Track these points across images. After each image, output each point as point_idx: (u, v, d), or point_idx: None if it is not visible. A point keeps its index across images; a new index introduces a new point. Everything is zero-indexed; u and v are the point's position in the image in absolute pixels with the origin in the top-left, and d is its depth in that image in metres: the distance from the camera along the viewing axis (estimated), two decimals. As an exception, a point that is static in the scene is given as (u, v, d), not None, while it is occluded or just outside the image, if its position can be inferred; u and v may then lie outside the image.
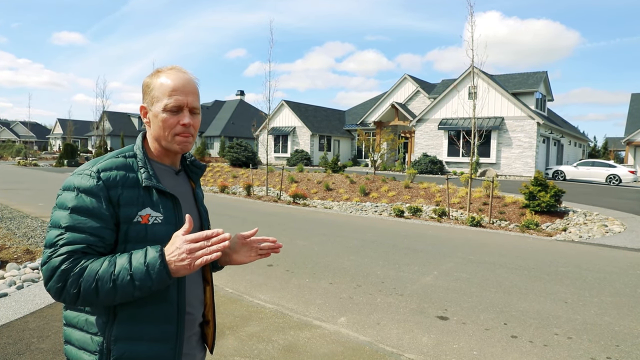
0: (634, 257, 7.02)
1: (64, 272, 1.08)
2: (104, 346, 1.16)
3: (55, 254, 1.10)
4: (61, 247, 1.11)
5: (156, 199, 1.22)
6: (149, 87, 1.27)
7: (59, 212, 1.15)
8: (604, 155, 45.09)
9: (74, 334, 1.20)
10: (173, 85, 1.24)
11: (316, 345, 3.51)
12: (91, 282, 1.07)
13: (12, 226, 8.03)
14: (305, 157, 32.73)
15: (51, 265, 1.09)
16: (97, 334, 1.17)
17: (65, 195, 1.16)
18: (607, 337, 3.79)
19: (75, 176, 1.19)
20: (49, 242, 1.13)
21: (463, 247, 7.49)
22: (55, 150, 56.22)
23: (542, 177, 11.33)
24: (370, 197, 14.25)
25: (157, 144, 1.29)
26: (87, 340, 1.18)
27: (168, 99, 1.23)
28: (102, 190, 1.15)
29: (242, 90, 54.58)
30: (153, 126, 1.27)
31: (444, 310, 4.39)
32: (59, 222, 1.14)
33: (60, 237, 1.12)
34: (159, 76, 1.27)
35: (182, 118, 1.24)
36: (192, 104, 1.26)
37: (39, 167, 32.01)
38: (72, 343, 1.21)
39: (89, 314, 1.19)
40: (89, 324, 1.18)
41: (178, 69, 1.28)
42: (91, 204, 1.14)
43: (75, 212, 1.14)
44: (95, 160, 1.23)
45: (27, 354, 3.12)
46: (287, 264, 5.98)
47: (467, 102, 21.98)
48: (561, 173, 22.99)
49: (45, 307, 4.07)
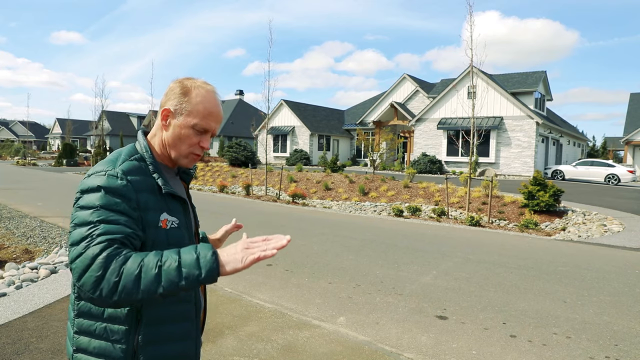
0: (633, 257, 7.03)
1: (106, 258, 1.02)
2: (129, 352, 1.15)
3: (92, 243, 1.04)
4: (98, 236, 1.05)
5: (171, 203, 1.24)
6: (181, 96, 1.25)
7: (85, 212, 1.09)
8: (602, 155, 45.16)
9: (91, 342, 1.16)
10: (211, 110, 1.26)
11: (315, 344, 3.52)
12: (135, 268, 1.01)
13: (10, 226, 8.02)
14: (305, 156, 32.74)
15: (89, 254, 1.03)
16: (120, 341, 1.15)
17: (90, 197, 1.12)
18: (605, 337, 3.79)
19: (96, 177, 1.14)
20: (77, 238, 1.06)
21: (462, 247, 7.49)
22: (54, 150, 56.15)
23: (541, 176, 11.33)
24: (370, 197, 14.26)
25: (165, 150, 1.29)
26: (108, 347, 1.15)
27: (201, 121, 1.24)
28: (131, 193, 1.14)
29: (241, 89, 54.50)
30: (171, 133, 1.26)
31: (443, 309, 4.39)
32: (86, 219, 1.08)
33: (94, 229, 1.06)
34: (198, 90, 1.26)
35: (204, 141, 1.28)
36: (215, 131, 1.29)
37: (38, 167, 31.96)
38: (89, 352, 1.17)
39: (109, 322, 1.16)
40: (110, 331, 1.15)
41: (215, 92, 1.29)
42: (122, 203, 1.11)
43: (105, 208, 1.09)
44: (110, 161, 1.19)
45: (26, 354, 3.12)
46: (286, 264, 5.98)
47: (466, 101, 22.00)
48: (560, 173, 23.02)
49: (44, 307, 4.07)
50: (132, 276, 1.01)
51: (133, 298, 1.02)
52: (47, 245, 6.60)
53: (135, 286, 1.01)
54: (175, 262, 1.03)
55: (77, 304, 1.19)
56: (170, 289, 1.02)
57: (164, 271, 1.02)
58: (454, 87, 24.63)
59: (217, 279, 1.06)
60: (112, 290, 1.01)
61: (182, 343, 1.24)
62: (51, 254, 6.03)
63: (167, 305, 1.19)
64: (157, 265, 1.02)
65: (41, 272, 5.04)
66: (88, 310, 1.17)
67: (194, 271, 1.02)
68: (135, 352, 1.16)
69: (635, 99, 36.80)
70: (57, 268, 5.27)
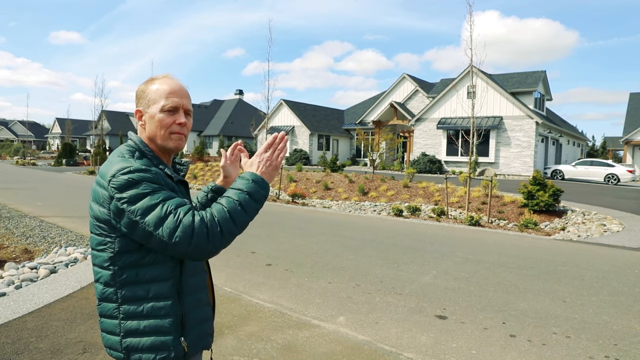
0: (632, 256, 7.04)
1: (201, 220, 1.20)
2: (177, 322, 1.31)
3: (179, 214, 1.19)
4: (176, 209, 1.20)
5: (180, 189, 1.39)
6: (144, 92, 1.39)
7: (141, 202, 1.20)
8: (602, 155, 45.18)
9: (141, 323, 1.29)
10: (170, 89, 1.37)
11: (315, 344, 3.52)
12: (225, 215, 1.23)
13: (10, 225, 8.02)
14: (304, 156, 32.73)
15: (186, 223, 1.18)
16: (168, 315, 1.30)
17: (134, 191, 1.21)
18: (605, 336, 3.79)
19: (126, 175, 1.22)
20: (158, 217, 1.19)
21: (462, 247, 7.49)
22: (54, 150, 56.12)
23: (540, 176, 11.33)
24: (369, 197, 14.26)
25: (152, 144, 1.40)
26: (158, 323, 1.29)
27: (165, 101, 1.36)
28: (161, 179, 1.27)
29: (240, 89, 54.53)
30: (149, 127, 1.38)
31: (442, 309, 4.39)
32: (149, 204, 1.20)
33: (167, 205, 1.20)
34: (154, 83, 1.39)
35: (179, 118, 1.38)
36: (186, 106, 1.40)
37: (38, 167, 31.95)
38: (140, 332, 1.29)
39: (154, 300, 1.29)
40: (157, 308, 1.29)
41: (171, 77, 1.42)
42: (162, 187, 1.25)
43: (156, 191, 1.23)
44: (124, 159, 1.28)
45: (25, 354, 3.12)
46: (286, 264, 5.98)
47: (465, 101, 22.01)
48: (560, 172, 23.03)
49: (43, 306, 4.07)
50: (227, 220, 1.23)
51: (235, 235, 1.26)
52: (47, 245, 6.60)
53: (233, 225, 1.24)
54: (244, 194, 1.28)
55: (120, 292, 1.29)
56: (253, 214, 1.30)
57: (244, 205, 1.27)
58: (453, 87, 24.63)
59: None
60: (219, 238, 1.21)
61: (207, 306, 1.45)
62: (51, 253, 6.03)
63: (195, 274, 1.39)
64: (237, 204, 1.26)
65: (41, 272, 5.04)
66: (133, 295, 1.29)
67: (260, 192, 1.31)
68: (182, 321, 1.32)
69: (634, 99, 36.81)
70: (56, 268, 5.26)
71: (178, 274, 1.32)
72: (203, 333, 1.41)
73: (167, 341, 1.29)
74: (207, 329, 1.44)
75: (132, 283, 1.28)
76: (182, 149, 1.43)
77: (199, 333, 1.38)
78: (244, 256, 6.32)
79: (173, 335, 1.30)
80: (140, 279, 1.28)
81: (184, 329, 1.32)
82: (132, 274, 1.28)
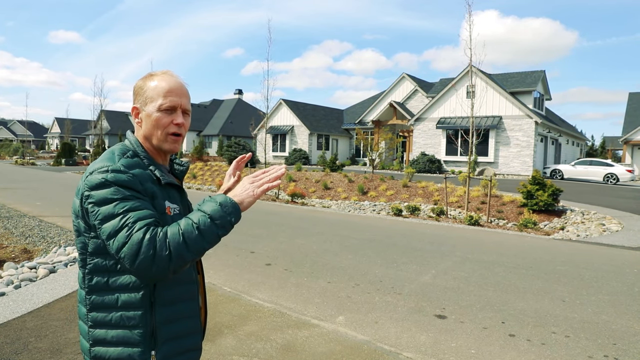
0: (631, 256, 7.05)
1: (150, 240, 1.11)
2: (147, 335, 1.23)
3: (132, 230, 1.11)
4: (134, 224, 1.12)
5: (170, 192, 1.33)
6: (142, 89, 1.33)
7: (106, 206, 1.15)
8: (601, 154, 45.20)
9: (109, 333, 1.23)
10: (168, 87, 1.31)
11: (314, 344, 3.52)
12: (178, 238, 1.12)
13: (9, 225, 8.01)
14: (304, 156, 32.74)
15: (134, 240, 1.10)
16: (137, 326, 1.22)
17: (102, 192, 1.16)
18: (604, 336, 3.80)
19: (101, 173, 1.18)
20: (113, 229, 1.13)
21: (461, 246, 7.50)
22: (53, 150, 56.05)
23: (540, 176, 11.34)
24: (369, 196, 14.26)
25: (148, 143, 1.35)
26: (126, 334, 1.22)
27: (163, 100, 1.30)
28: (138, 184, 1.20)
29: (240, 89, 54.45)
30: (145, 126, 1.33)
31: (442, 309, 4.40)
32: (113, 212, 1.14)
33: (126, 218, 1.13)
34: (153, 79, 1.33)
35: (176, 117, 1.32)
36: (185, 106, 1.34)
37: (37, 166, 31.91)
38: (107, 342, 1.23)
39: (124, 310, 1.22)
40: (126, 318, 1.22)
41: (170, 74, 1.36)
42: (136, 194, 1.19)
43: (125, 199, 1.16)
44: (108, 158, 1.23)
45: (24, 354, 3.11)
46: (286, 263, 5.98)
47: (465, 101, 22.01)
48: (559, 172, 23.05)
49: (42, 306, 4.06)
50: (180, 244, 1.12)
51: (186, 260, 1.14)
52: (46, 245, 6.59)
53: (185, 250, 1.13)
54: (207, 218, 1.16)
55: (88, 298, 1.24)
56: (213, 241, 1.17)
57: (202, 230, 1.15)
58: (453, 87, 24.64)
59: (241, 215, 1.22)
60: (165, 262, 1.11)
61: (191, 320, 1.34)
62: (50, 253, 6.02)
63: (174, 286, 1.28)
64: (195, 228, 1.14)
65: (40, 272, 5.04)
66: (101, 302, 1.23)
67: (225, 218, 1.18)
68: (153, 333, 1.24)
69: (633, 99, 36.84)
70: (55, 267, 5.26)
71: (152, 285, 1.23)
72: (182, 348, 1.31)
73: (135, 354, 1.22)
74: (189, 344, 1.34)
75: (101, 289, 1.23)
76: (177, 151, 1.38)
77: (175, 348, 1.29)
78: (243, 256, 6.32)
79: (142, 348, 1.22)
80: (110, 286, 1.22)
81: (155, 342, 1.24)
82: (101, 280, 1.23)
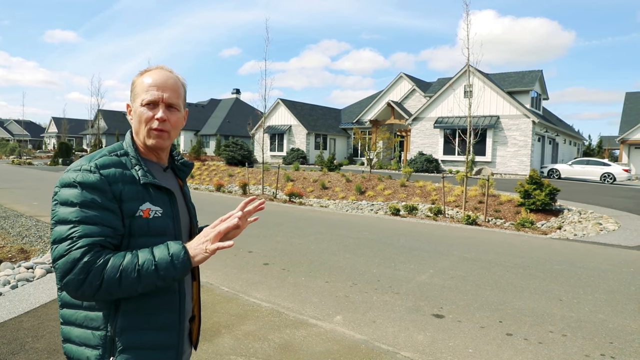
0: (628, 255, 7.07)
1: (86, 264, 1.08)
2: (108, 339, 1.19)
3: (74, 246, 1.09)
4: (78, 239, 1.10)
5: (154, 194, 1.27)
6: (133, 84, 1.33)
7: (65, 209, 1.14)
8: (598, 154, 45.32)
9: (73, 331, 1.21)
10: (151, 82, 1.29)
11: (312, 343, 3.52)
12: (115, 273, 1.09)
13: (6, 225, 7.98)
14: (301, 155, 32.71)
15: (71, 257, 1.08)
16: (99, 328, 1.19)
17: (67, 192, 1.15)
18: (601, 334, 3.81)
19: (72, 172, 1.18)
20: (60, 236, 1.11)
21: (459, 246, 7.51)
22: (50, 149, 55.88)
23: (537, 175, 11.37)
24: (366, 196, 14.27)
25: (138, 140, 1.33)
26: (88, 335, 1.19)
27: (145, 94, 1.28)
28: (105, 185, 1.17)
29: (237, 88, 54.32)
30: (133, 122, 1.32)
31: (439, 308, 4.40)
32: (67, 217, 1.12)
33: (74, 230, 1.11)
34: (144, 75, 1.32)
35: (157, 113, 1.28)
36: (168, 100, 1.29)
37: (34, 166, 31.80)
38: (72, 340, 1.21)
39: (88, 310, 1.20)
40: (89, 319, 1.19)
41: (162, 68, 1.34)
42: (99, 198, 1.15)
43: (84, 206, 1.13)
44: (88, 157, 1.23)
45: (21, 354, 3.10)
46: (283, 263, 5.98)
47: (462, 100, 22.04)
48: (556, 171, 23.11)
49: (39, 306, 4.05)
50: (113, 280, 1.09)
51: (114, 296, 1.12)
52: (43, 245, 6.57)
53: (115, 288, 1.10)
54: (152, 264, 1.12)
55: (59, 295, 1.24)
56: (149, 288, 1.14)
57: (142, 275, 1.11)
58: (450, 86, 24.65)
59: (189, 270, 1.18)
60: (92, 292, 1.09)
61: (162, 333, 1.26)
62: (47, 253, 6.00)
63: (146, 296, 1.21)
64: (135, 269, 1.11)
65: (37, 272, 5.02)
66: (69, 300, 1.21)
67: (170, 272, 1.14)
68: (113, 340, 1.19)
69: (630, 98, 36.97)
70: (53, 268, 5.24)
71: None
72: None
73: (93, 356, 1.18)
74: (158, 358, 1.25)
75: None
76: (163, 146, 1.32)
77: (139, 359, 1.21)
78: (241, 255, 6.32)
79: (100, 352, 1.18)
80: None
81: (114, 349, 1.19)
82: None
